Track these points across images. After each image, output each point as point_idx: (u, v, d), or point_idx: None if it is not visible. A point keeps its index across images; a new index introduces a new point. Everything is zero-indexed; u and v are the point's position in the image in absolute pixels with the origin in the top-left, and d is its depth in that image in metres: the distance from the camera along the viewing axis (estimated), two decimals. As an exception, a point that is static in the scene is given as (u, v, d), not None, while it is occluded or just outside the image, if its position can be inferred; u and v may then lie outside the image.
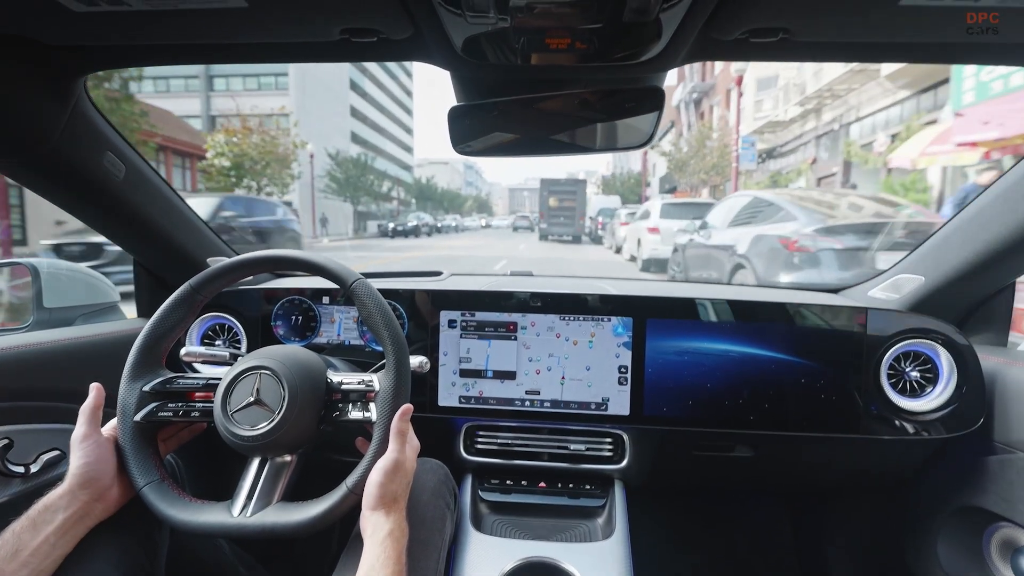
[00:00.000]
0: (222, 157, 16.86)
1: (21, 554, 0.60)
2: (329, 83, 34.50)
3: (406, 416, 0.72)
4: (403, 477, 0.70)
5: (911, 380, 1.04)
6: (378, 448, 0.71)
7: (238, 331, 1.17)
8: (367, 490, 0.68)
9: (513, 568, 0.91)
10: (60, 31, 0.68)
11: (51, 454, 0.87)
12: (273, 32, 0.71)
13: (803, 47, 0.70)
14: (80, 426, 0.70)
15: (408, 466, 0.72)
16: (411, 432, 0.75)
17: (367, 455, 0.71)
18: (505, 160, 17.29)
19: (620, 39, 0.66)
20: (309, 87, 31.52)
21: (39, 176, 0.87)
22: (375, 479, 0.68)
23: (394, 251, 16.18)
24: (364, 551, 0.65)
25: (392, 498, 0.68)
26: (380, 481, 0.68)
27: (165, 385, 0.77)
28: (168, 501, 0.70)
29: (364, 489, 0.69)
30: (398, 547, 0.65)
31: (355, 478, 0.70)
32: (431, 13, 0.61)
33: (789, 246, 4.20)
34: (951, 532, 1.05)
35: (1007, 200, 0.91)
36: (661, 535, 1.51)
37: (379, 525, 0.66)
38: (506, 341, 1.09)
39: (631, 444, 1.11)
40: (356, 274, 0.78)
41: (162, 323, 0.79)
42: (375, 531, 0.65)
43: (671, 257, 7.09)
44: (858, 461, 1.16)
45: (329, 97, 34.48)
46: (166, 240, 1.11)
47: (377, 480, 0.68)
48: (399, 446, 0.70)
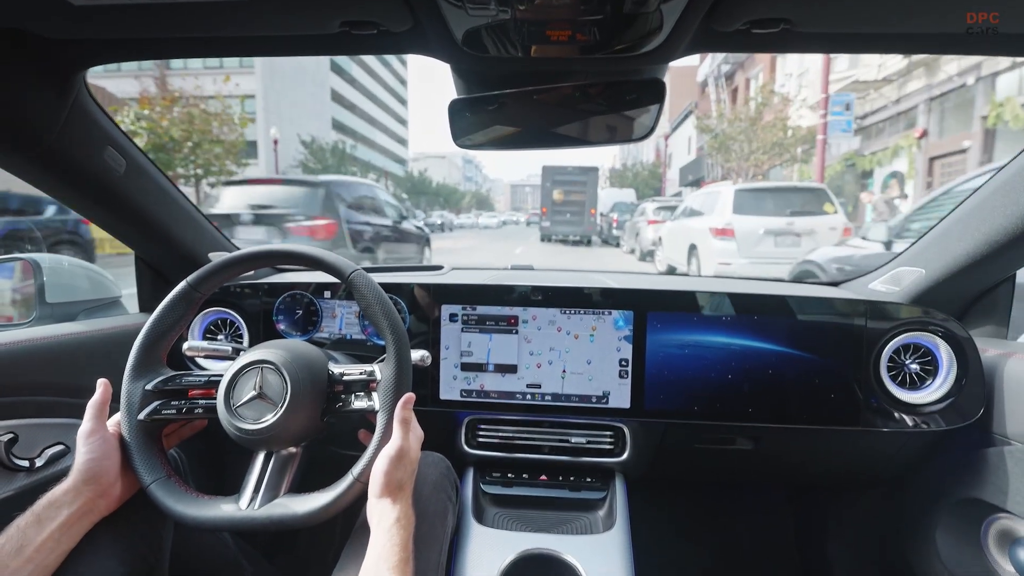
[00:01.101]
0: (136, 137, 13.60)
1: (26, 550, 0.60)
2: (304, 63, 31.23)
3: (409, 404, 0.73)
4: (408, 464, 0.71)
5: (911, 372, 1.04)
6: (382, 436, 0.71)
7: (240, 326, 1.17)
8: (373, 478, 0.69)
9: (514, 560, 0.91)
10: (60, 25, 0.68)
11: (55, 448, 0.88)
12: (273, 25, 0.70)
13: (805, 38, 0.70)
14: (87, 421, 0.71)
15: (412, 454, 0.72)
16: (414, 420, 0.75)
17: (372, 443, 0.72)
18: (507, 155, 16.51)
19: (621, 31, 0.66)
20: (279, 66, 28.45)
21: (39, 171, 0.87)
22: (380, 467, 0.68)
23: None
24: (371, 539, 0.65)
25: (398, 485, 0.69)
26: (385, 469, 0.68)
27: (167, 383, 0.78)
28: (175, 497, 0.70)
29: (370, 477, 0.69)
30: (405, 534, 0.66)
31: (361, 467, 0.70)
32: (431, 5, 0.60)
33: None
34: (950, 524, 1.06)
35: (1008, 192, 0.91)
36: (662, 528, 1.52)
37: (386, 512, 0.66)
38: (507, 335, 1.10)
39: (632, 437, 1.11)
40: (354, 265, 0.78)
41: (162, 321, 0.79)
42: (382, 519, 0.66)
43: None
44: (858, 453, 1.16)
45: (304, 79, 31.37)
46: (167, 235, 1.11)
47: (382, 468, 0.68)
48: (403, 433, 0.71)
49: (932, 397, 1.02)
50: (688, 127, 26.23)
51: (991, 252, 0.96)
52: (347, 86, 40.14)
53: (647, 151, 35.07)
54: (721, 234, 6.05)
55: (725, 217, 6.08)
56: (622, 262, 11.20)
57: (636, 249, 11.20)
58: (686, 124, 27.01)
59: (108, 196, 0.96)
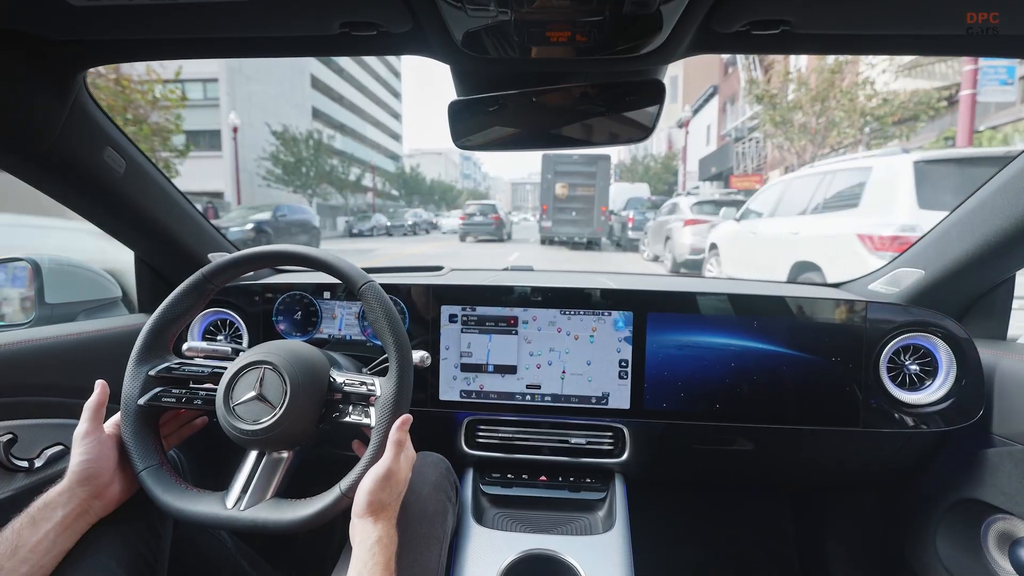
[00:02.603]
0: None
1: (21, 551, 0.60)
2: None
3: (405, 426, 0.72)
4: (395, 487, 0.70)
5: (911, 373, 1.04)
6: (373, 455, 0.71)
7: (240, 326, 1.17)
8: (357, 497, 0.68)
9: (514, 561, 0.91)
10: (59, 25, 0.68)
11: (55, 449, 0.88)
12: (272, 26, 0.70)
13: (804, 39, 0.70)
14: (83, 422, 0.71)
15: (401, 476, 0.71)
16: (408, 442, 0.74)
17: (362, 460, 0.71)
18: (508, 154, 13.48)
19: (621, 32, 0.66)
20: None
21: (39, 171, 0.87)
22: (366, 486, 0.68)
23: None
24: (352, 557, 0.65)
25: (381, 506, 0.68)
26: (370, 488, 0.67)
27: (170, 371, 0.78)
28: (164, 487, 0.71)
29: (355, 496, 0.68)
30: (387, 554, 0.65)
31: (349, 481, 0.70)
32: (431, 6, 0.61)
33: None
34: (950, 525, 1.06)
35: (1008, 193, 0.91)
36: (661, 528, 1.52)
37: (368, 532, 0.66)
38: (507, 335, 1.10)
39: (631, 438, 1.11)
40: (367, 276, 0.78)
41: (172, 309, 0.79)
42: (364, 538, 0.65)
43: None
44: (857, 454, 1.16)
45: (276, 62, 27.27)
46: (167, 235, 1.11)
47: (367, 487, 0.67)
48: (394, 455, 0.70)
49: (932, 398, 1.02)
50: (706, 115, 23.86)
51: (991, 253, 0.97)
52: (332, 75, 36.84)
53: (657, 143, 31.63)
54: (893, 246, 3.30)
55: (901, 214, 3.36)
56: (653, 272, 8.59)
57: (665, 257, 8.47)
58: (703, 112, 24.64)
59: (108, 196, 0.96)
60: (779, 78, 13.14)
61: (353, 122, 40.98)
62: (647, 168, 26.83)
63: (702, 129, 25.63)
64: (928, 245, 1.10)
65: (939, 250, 1.06)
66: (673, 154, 27.31)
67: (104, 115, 0.89)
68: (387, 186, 43.12)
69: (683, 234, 7.56)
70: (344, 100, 39.17)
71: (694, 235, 7.29)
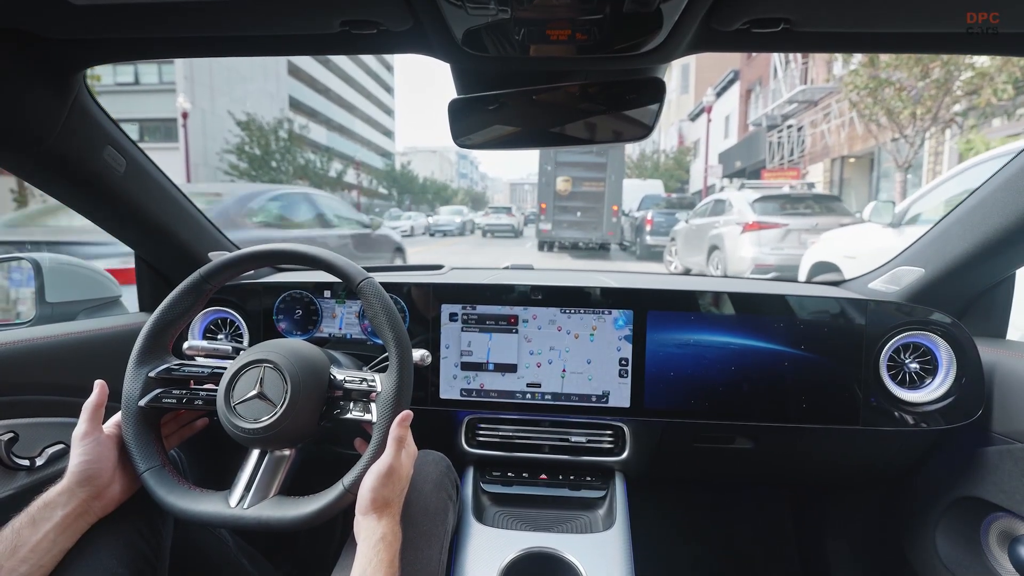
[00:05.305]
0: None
1: (20, 550, 0.60)
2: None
3: (405, 422, 0.72)
4: (397, 483, 0.70)
5: (911, 372, 1.05)
6: (375, 451, 0.71)
7: (240, 325, 1.17)
8: (360, 494, 0.68)
9: (514, 559, 0.91)
10: (59, 24, 0.68)
11: (56, 447, 0.88)
12: (273, 24, 0.70)
13: (805, 38, 0.70)
14: (82, 423, 0.71)
15: (403, 472, 0.71)
16: (410, 438, 0.74)
17: (364, 457, 0.71)
18: (507, 153, 13.29)
19: (621, 30, 0.66)
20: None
21: (39, 170, 0.87)
22: (368, 483, 0.68)
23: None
24: (357, 554, 0.65)
25: (384, 503, 0.68)
26: (372, 485, 0.68)
27: (170, 372, 0.78)
28: (167, 487, 0.71)
29: (358, 493, 0.69)
30: (391, 551, 0.65)
31: (351, 478, 0.70)
32: (431, 5, 0.61)
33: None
34: (950, 523, 1.06)
35: (1007, 191, 0.91)
36: (661, 526, 1.52)
37: (372, 530, 0.66)
38: (507, 334, 1.10)
39: (631, 436, 1.11)
40: (364, 273, 0.78)
41: (171, 310, 0.79)
42: (368, 535, 0.66)
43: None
44: (857, 453, 1.16)
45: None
46: (167, 234, 1.11)
47: (370, 484, 0.68)
48: (395, 451, 0.70)
49: (932, 396, 1.02)
50: (724, 104, 20.37)
51: (991, 251, 0.97)
52: (316, 64, 33.90)
53: (668, 137, 28.53)
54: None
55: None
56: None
57: (710, 273, 6.26)
58: (722, 100, 20.54)
59: (108, 196, 0.96)
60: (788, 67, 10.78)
61: (339, 116, 38.49)
62: (656, 164, 24.22)
63: (721, 120, 21.54)
64: (928, 243, 1.10)
65: (939, 248, 1.06)
66: (686, 148, 24.88)
67: (104, 114, 0.89)
68: (375, 184, 40.53)
69: (741, 243, 5.55)
70: (330, 92, 36.70)
71: (759, 245, 5.34)
